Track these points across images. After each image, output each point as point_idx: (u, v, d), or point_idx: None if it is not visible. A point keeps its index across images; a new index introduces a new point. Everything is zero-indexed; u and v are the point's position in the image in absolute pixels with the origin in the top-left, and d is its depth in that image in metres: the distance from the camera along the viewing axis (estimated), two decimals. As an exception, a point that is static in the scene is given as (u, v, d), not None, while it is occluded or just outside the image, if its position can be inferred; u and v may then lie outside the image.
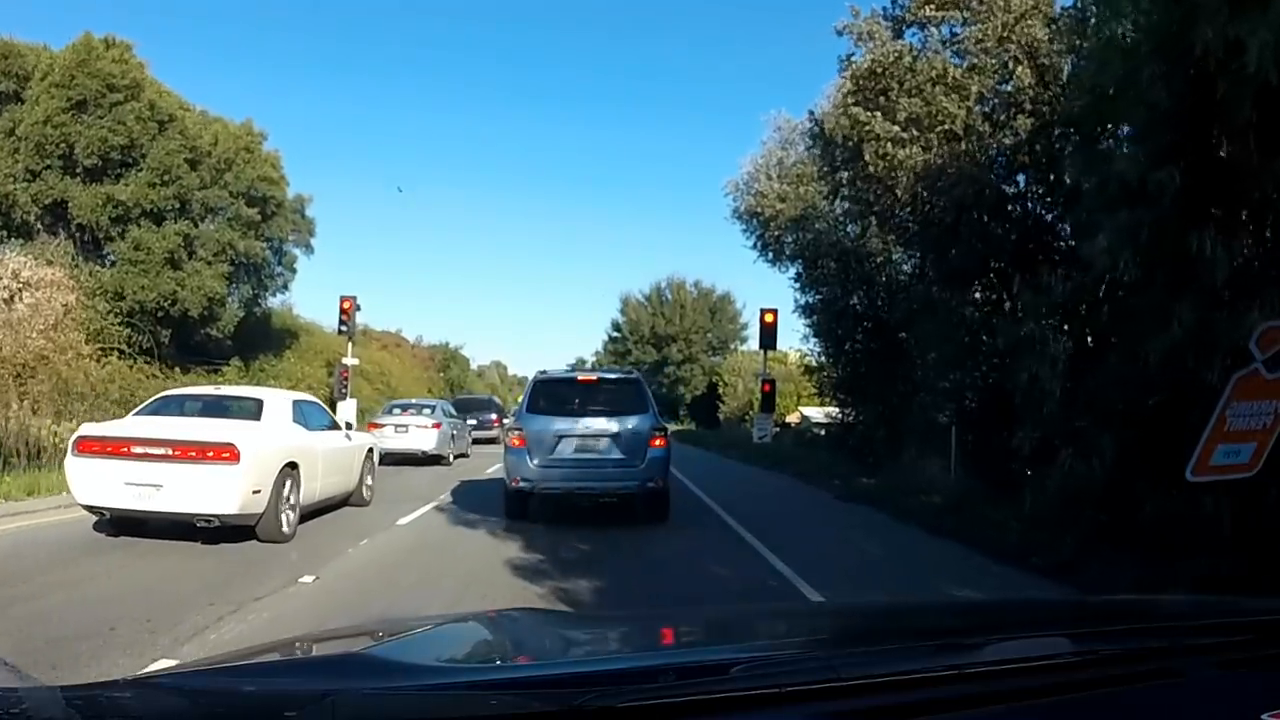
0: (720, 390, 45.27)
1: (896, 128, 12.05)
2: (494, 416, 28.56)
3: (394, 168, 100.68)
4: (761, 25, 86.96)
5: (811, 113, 17.31)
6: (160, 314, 22.50)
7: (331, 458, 10.56)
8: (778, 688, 1.28)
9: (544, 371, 11.81)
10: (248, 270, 26.71)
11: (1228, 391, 4.62)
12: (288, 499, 8.92)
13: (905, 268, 19.24)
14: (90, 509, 8.54)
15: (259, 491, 8.36)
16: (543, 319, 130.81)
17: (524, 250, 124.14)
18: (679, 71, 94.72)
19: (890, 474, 15.36)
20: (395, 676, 1.28)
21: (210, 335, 24.99)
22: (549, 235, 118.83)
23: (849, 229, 20.35)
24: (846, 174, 14.84)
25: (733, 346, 54.72)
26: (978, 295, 13.50)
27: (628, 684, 1.27)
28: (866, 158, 12.72)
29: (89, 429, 8.86)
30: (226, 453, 8.08)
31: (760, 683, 1.29)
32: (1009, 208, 12.44)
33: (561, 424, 10.61)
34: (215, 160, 24.55)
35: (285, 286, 30.20)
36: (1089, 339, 9.36)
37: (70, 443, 8.64)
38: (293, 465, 9.11)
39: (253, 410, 9.52)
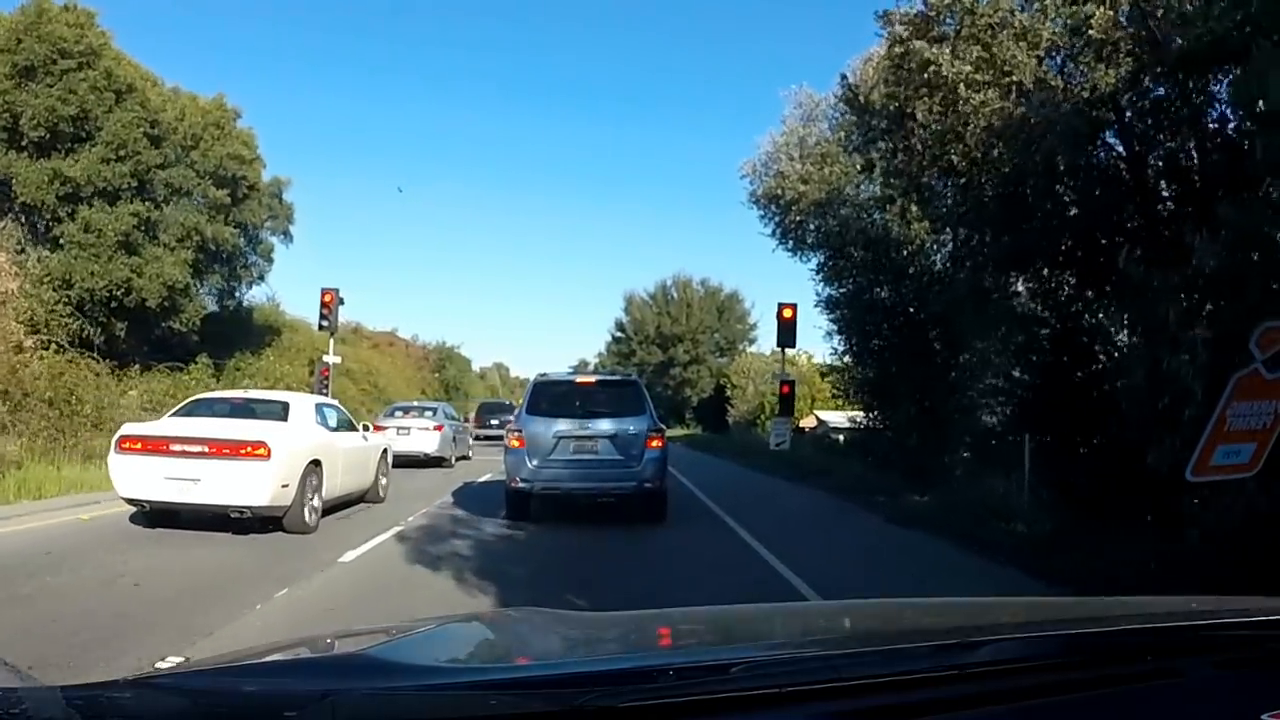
0: (729, 393, 44.25)
1: (969, 67, 10.33)
2: (513, 418, 29.27)
3: (393, 164, 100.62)
4: (770, 13, 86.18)
5: (844, 76, 15.33)
6: (113, 304, 20.18)
7: (350, 456, 11.27)
8: (778, 688, 1.29)
9: (544, 374, 11.95)
10: (217, 259, 24.43)
11: (1228, 391, 4.62)
12: (312, 494, 9.67)
13: (939, 257, 17.83)
14: (132, 502, 9.26)
15: (287, 486, 9.10)
16: (546, 320, 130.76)
17: (526, 250, 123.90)
18: (684, 64, 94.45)
19: (944, 491, 13.28)
20: (395, 676, 1.28)
21: (173, 329, 22.43)
22: (552, 234, 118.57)
23: (877, 216, 18.72)
24: (885, 145, 13.18)
25: (741, 347, 53.47)
26: (1024, 284, 12.17)
27: (628, 684, 1.27)
28: (919, 117, 11.05)
29: (130, 428, 9.56)
30: (259, 449, 8.83)
31: (760, 683, 1.30)
32: (1093, 173, 10.55)
33: (560, 425, 10.83)
34: (181, 136, 22.38)
35: (261, 278, 27.77)
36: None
37: (113, 441, 9.31)
38: (316, 463, 9.85)
39: (279, 412, 10.32)
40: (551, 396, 11.32)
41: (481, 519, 11.23)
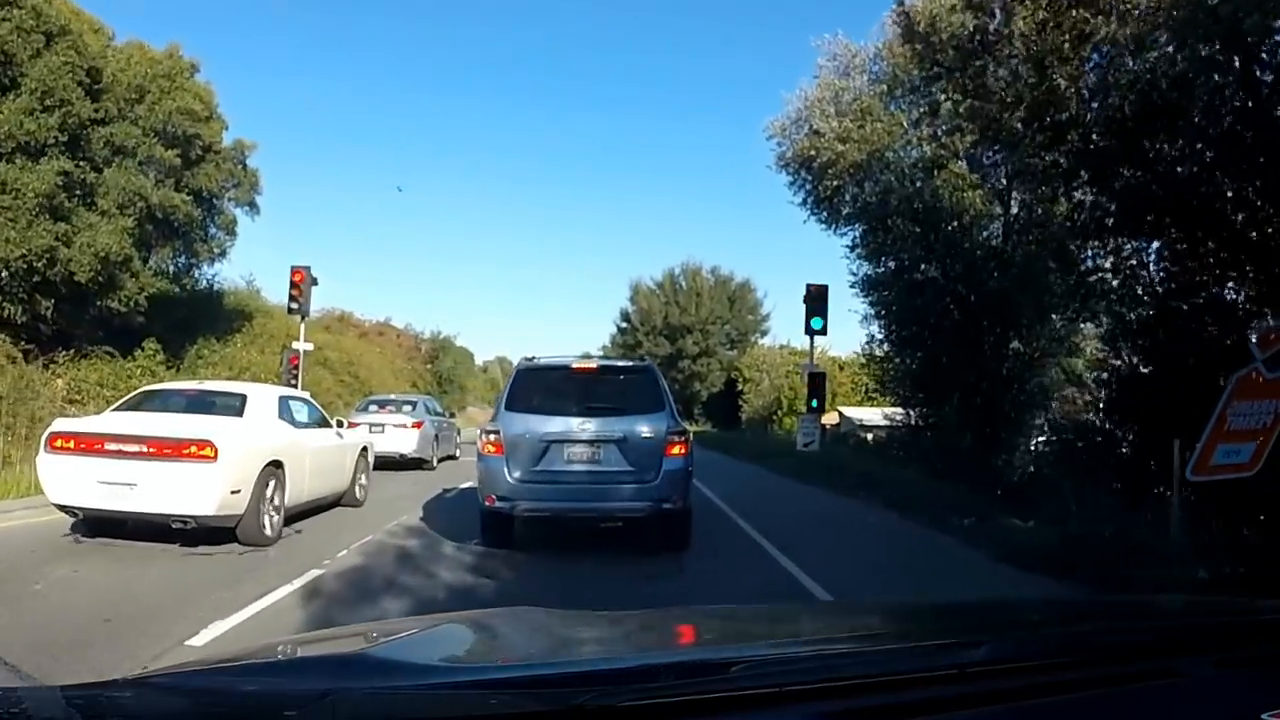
0: (740, 387, 42.23)
1: None
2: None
3: (393, 154, 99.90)
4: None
5: (900, 2, 13.00)
6: (35, 278, 16.98)
7: (321, 457, 10.09)
8: (777, 687, 1.29)
9: (531, 358, 9.44)
10: (170, 230, 21.05)
11: (1228, 391, 4.63)
12: (271, 500, 8.54)
13: (994, 228, 16.29)
14: (63, 509, 8.19)
15: (238, 492, 7.98)
16: (550, 313, 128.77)
17: (529, 240, 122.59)
18: (685, 44, 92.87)
19: (1047, 512, 9.90)
20: (395, 676, 1.28)
21: (111, 309, 19.03)
22: (555, 225, 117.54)
23: (922, 183, 16.55)
24: (954, 81, 11.30)
25: (753, 339, 51.08)
26: (1114, 254, 10.50)
27: (627, 683, 1.27)
28: (1020, 27, 9.05)
29: (62, 424, 8.46)
30: (204, 450, 7.73)
31: (760, 682, 1.30)
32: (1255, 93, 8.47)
33: (551, 426, 8.52)
34: (124, 88, 19.29)
35: (223, 253, 24.00)
36: None
37: (43, 439, 8.23)
38: (277, 464, 8.74)
39: (235, 406, 9.14)
40: (540, 388, 8.96)
41: (444, 550, 8.66)
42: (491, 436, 8.60)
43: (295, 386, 17.70)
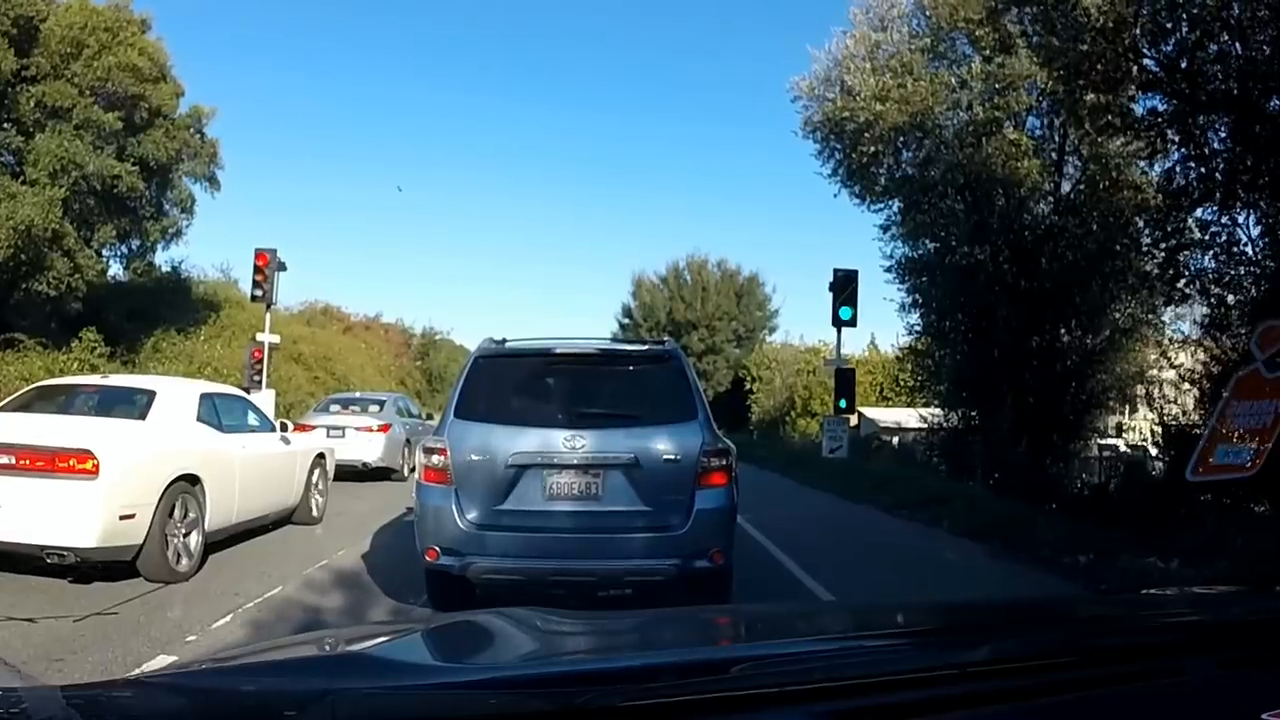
0: (749, 386, 40.72)
1: None
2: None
3: (391, 152, 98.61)
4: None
5: None
6: None
7: (258, 467, 8.41)
8: (778, 687, 1.29)
9: (497, 341, 6.42)
10: (113, 205, 18.62)
11: (1228, 391, 4.65)
12: (183, 524, 6.91)
13: (1044, 205, 14.73)
14: None
15: (131, 516, 6.33)
16: (550, 308, 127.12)
17: (529, 235, 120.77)
18: (689, 37, 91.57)
19: (1183, 540, 8.13)
20: (395, 676, 1.29)
21: (38, 292, 16.66)
22: (556, 220, 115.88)
23: (972, 150, 14.53)
24: (1029, 10, 9.76)
25: (761, 336, 49.19)
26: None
27: (628, 683, 1.27)
28: None
29: None
30: (83, 463, 6.10)
31: (760, 682, 1.30)
32: None
33: (524, 443, 5.71)
34: (59, 41, 16.87)
35: (179, 233, 21.61)
36: None
37: None
38: (191, 479, 7.08)
39: (139, 405, 7.39)
40: (508, 384, 6.19)
41: (376, 617, 6.24)
42: (434, 458, 5.78)
43: (260, 383, 16.64)
